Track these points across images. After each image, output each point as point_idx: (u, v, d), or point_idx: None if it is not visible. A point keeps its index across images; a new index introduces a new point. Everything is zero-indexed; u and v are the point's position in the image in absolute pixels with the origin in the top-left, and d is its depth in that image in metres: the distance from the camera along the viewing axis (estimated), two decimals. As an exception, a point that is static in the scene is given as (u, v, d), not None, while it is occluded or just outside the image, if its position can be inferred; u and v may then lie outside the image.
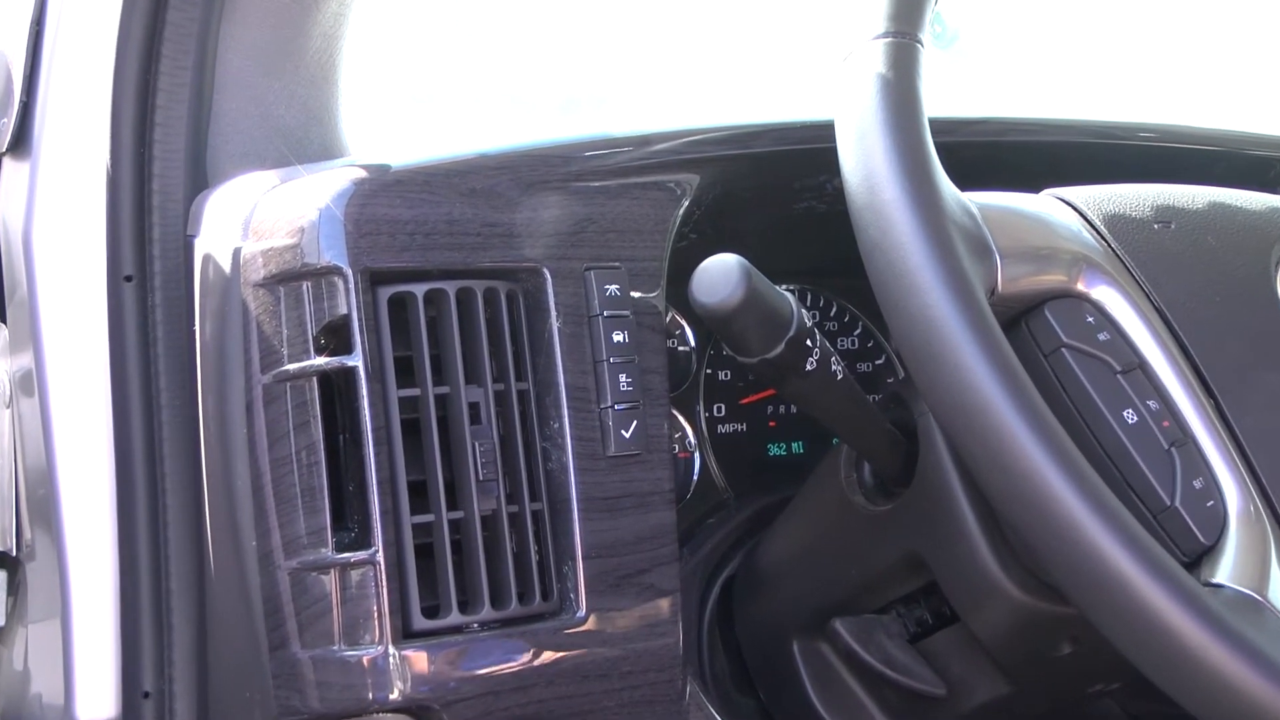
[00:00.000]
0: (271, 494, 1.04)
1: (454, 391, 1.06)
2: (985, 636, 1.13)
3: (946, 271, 0.93)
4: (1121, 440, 1.01)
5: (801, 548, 1.26)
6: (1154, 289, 1.07)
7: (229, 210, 1.11)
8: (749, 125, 1.26)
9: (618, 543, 1.11)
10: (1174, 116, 1.57)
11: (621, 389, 1.11)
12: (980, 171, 1.11)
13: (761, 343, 1.00)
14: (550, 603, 1.09)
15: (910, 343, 0.93)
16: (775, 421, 1.46)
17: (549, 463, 1.10)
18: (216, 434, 1.08)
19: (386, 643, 1.02)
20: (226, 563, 1.09)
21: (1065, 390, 1.03)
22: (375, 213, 1.05)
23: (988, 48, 2.89)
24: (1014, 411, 0.89)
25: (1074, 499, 0.87)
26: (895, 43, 1.01)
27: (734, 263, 0.97)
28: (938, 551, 1.12)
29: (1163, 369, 1.04)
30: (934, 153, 0.98)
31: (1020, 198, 1.11)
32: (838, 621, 1.20)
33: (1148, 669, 0.89)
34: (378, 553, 1.02)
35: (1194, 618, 0.86)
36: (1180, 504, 0.99)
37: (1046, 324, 1.05)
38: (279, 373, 1.04)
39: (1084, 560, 0.88)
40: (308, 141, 1.23)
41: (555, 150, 1.15)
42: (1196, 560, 0.99)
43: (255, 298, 1.05)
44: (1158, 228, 1.11)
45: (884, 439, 1.13)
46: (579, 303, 1.11)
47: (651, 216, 1.16)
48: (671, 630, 1.13)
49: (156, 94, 1.15)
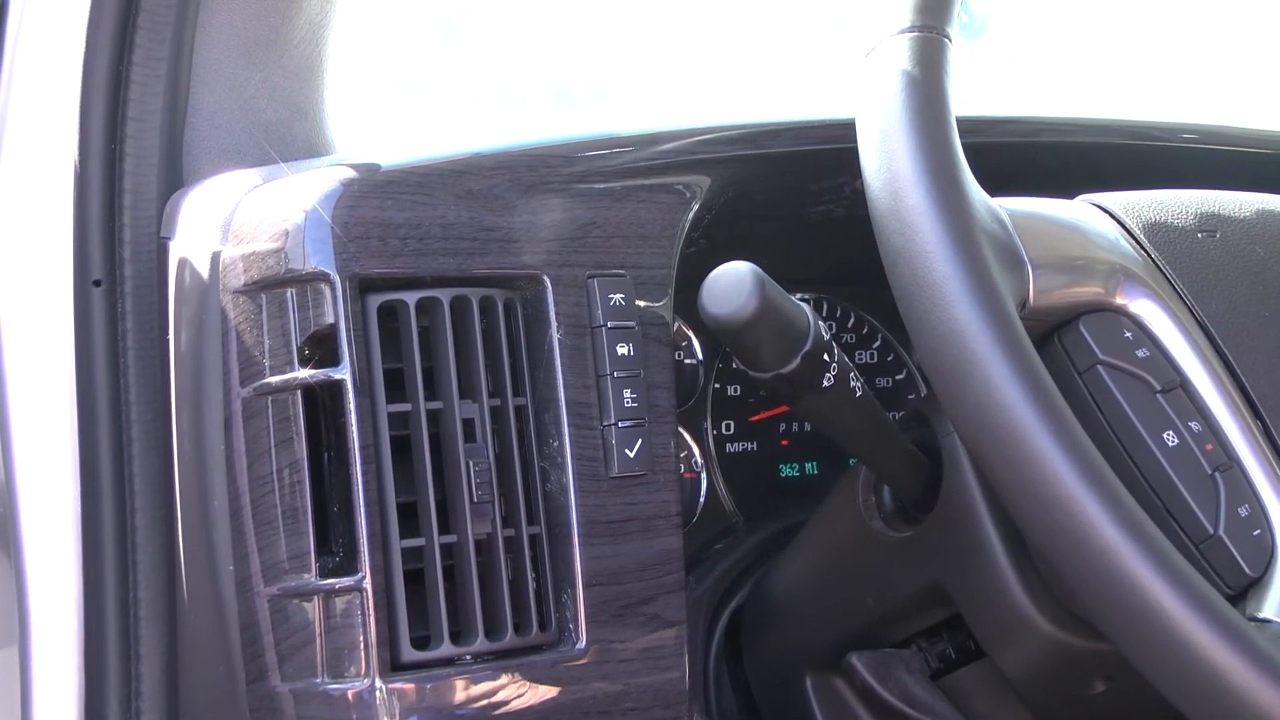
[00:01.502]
0: (250, 515, 1.05)
1: (447, 407, 1.07)
2: (1012, 673, 1.14)
3: (975, 283, 0.93)
4: (1161, 464, 1.02)
5: (815, 576, 1.27)
6: (1197, 302, 1.08)
7: (207, 211, 1.11)
8: (764, 124, 1.27)
9: (620, 570, 1.12)
10: (1217, 116, 1.57)
11: (626, 405, 1.12)
12: (1011, 175, 1.12)
13: (776, 357, 1.00)
14: (548, 633, 1.10)
15: (935, 358, 0.94)
16: (788, 440, 1.47)
17: (548, 483, 1.11)
18: (191, 450, 1.09)
19: (373, 675, 1.03)
20: (201, 588, 1.09)
21: (1101, 410, 1.04)
22: (365, 215, 1.06)
23: (1016, 36, 2.90)
24: (1046, 433, 0.90)
25: (1110, 527, 0.88)
26: (922, 37, 1.02)
27: (747, 271, 0.98)
28: (962, 582, 1.12)
29: (1206, 388, 1.05)
30: (962, 155, 0.99)
31: (1054, 204, 1.11)
32: (854, 655, 1.21)
33: (1188, 710, 0.89)
34: (364, 579, 1.03)
35: (1239, 655, 0.87)
36: (1224, 533, 1.00)
37: (1081, 339, 1.05)
38: (260, 385, 1.05)
39: (1120, 593, 0.88)
40: (291, 137, 1.24)
41: (556, 149, 1.15)
42: (1242, 593, 1.00)
43: (235, 305, 1.06)
44: (1201, 237, 1.12)
45: (905, 460, 1.14)
46: (581, 313, 1.12)
47: (659, 221, 1.17)
48: (677, 664, 1.14)
49: (129, 86, 1.16)
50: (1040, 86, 2.89)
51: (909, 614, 1.20)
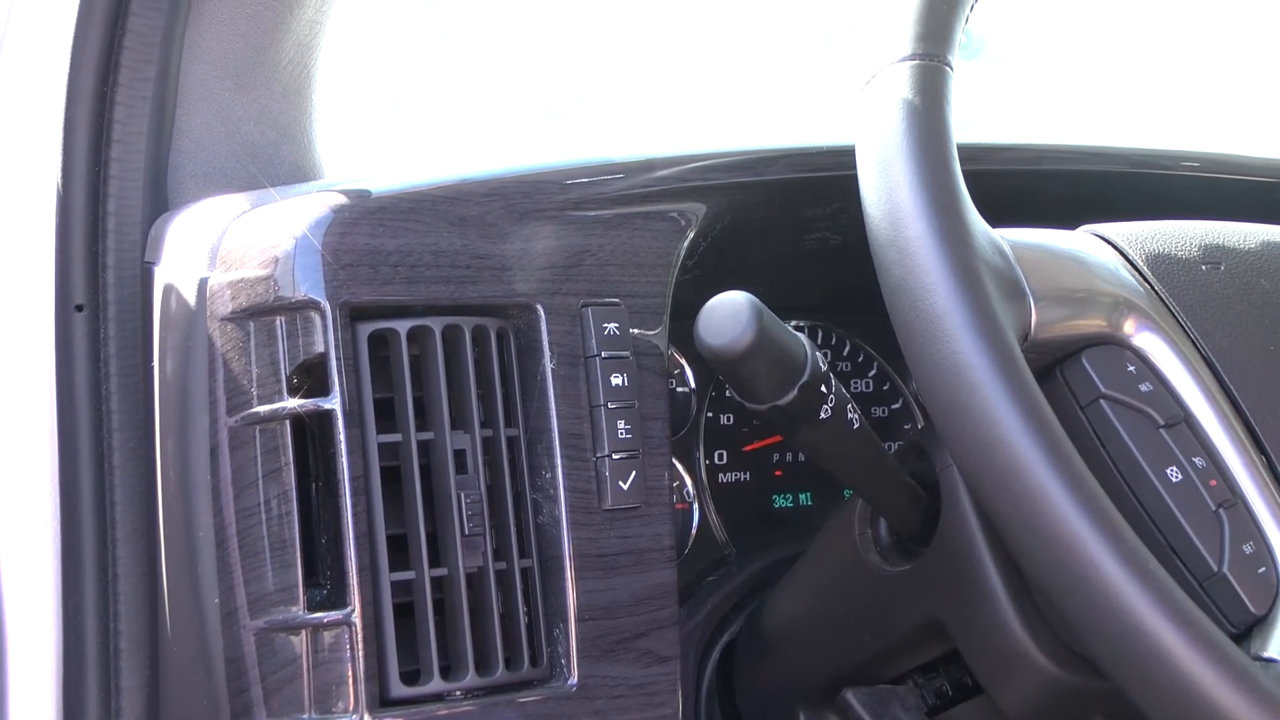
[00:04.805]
0: (237, 546, 1.05)
1: (438, 437, 1.07)
2: (1011, 711, 1.14)
3: (976, 315, 0.94)
4: (1165, 500, 1.03)
5: (810, 610, 1.27)
6: (1201, 336, 1.08)
7: (193, 236, 1.12)
8: (760, 150, 1.27)
9: (613, 604, 1.12)
10: (1221, 143, 1.58)
11: (620, 436, 1.13)
12: (1012, 205, 1.12)
13: (773, 389, 1.00)
14: (539, 669, 1.10)
15: (935, 391, 0.95)
16: (781, 470, 1.47)
17: (540, 516, 1.11)
18: (176, 480, 1.09)
19: (362, 711, 1.03)
20: (184, 620, 1.09)
21: (1104, 445, 1.05)
22: (355, 242, 1.06)
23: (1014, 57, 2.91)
24: (1047, 468, 0.90)
25: (1112, 564, 0.89)
26: (922, 65, 1.02)
27: (744, 301, 0.98)
28: (960, 617, 1.13)
29: (1210, 423, 1.05)
30: (963, 186, 0.99)
31: (1055, 235, 1.12)
32: (849, 692, 1.22)
33: (1191, 751, 0.90)
34: (353, 612, 1.03)
35: (1243, 696, 0.87)
36: (1229, 570, 1.01)
37: (1084, 373, 1.06)
38: (248, 415, 1.05)
39: (1122, 631, 0.89)
40: (279, 161, 1.24)
41: (549, 176, 1.16)
42: (1246, 632, 1.00)
43: (223, 332, 1.06)
44: (1205, 269, 1.13)
45: (903, 493, 1.14)
46: (574, 342, 1.13)
47: (653, 249, 1.18)
48: (670, 700, 1.14)
49: (114, 107, 1.16)
50: (1039, 108, 2.91)
51: (906, 649, 1.20)
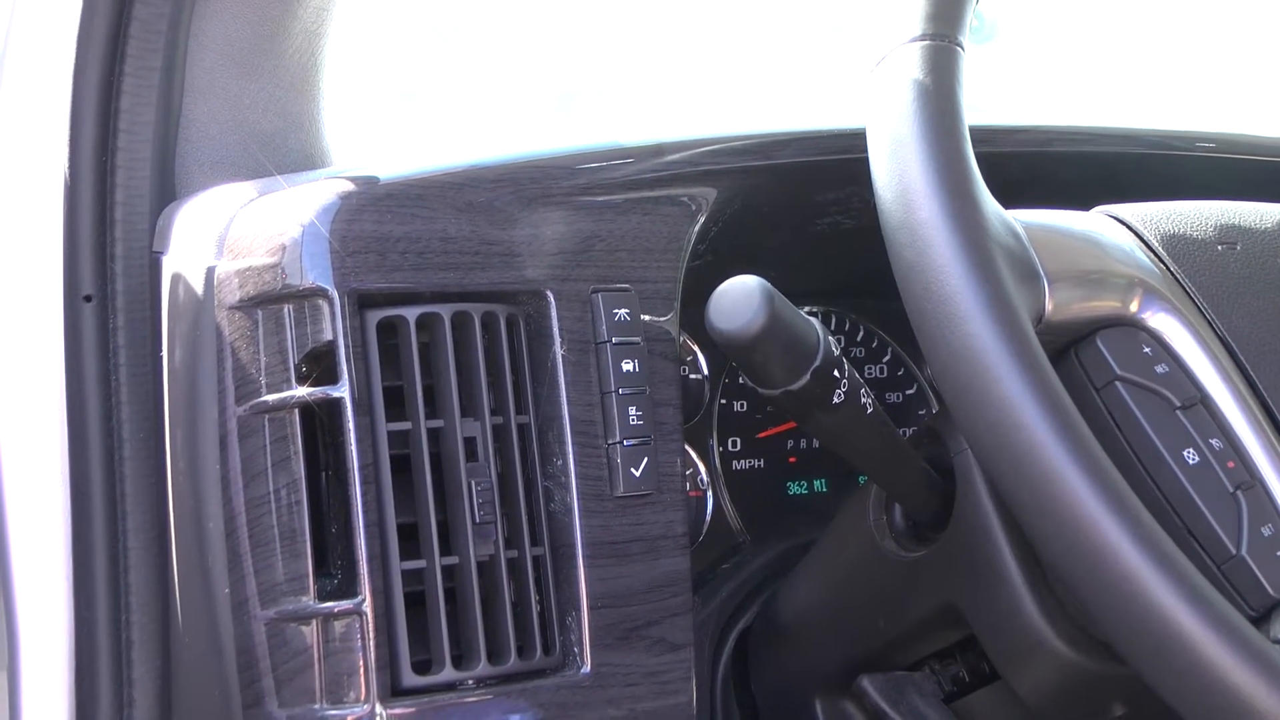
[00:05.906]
0: (247, 536, 1.05)
1: (448, 425, 1.07)
2: (1028, 696, 1.14)
3: (989, 297, 0.94)
4: (1182, 483, 1.02)
5: (825, 597, 1.27)
6: (1217, 316, 1.08)
7: (201, 225, 1.12)
8: (771, 134, 1.27)
9: (626, 592, 1.12)
10: (1235, 123, 1.57)
11: (631, 423, 1.13)
12: (1025, 186, 1.12)
13: (785, 374, 1.00)
14: (552, 657, 1.10)
15: (949, 374, 0.94)
16: (795, 457, 1.47)
17: (551, 503, 1.11)
18: (186, 470, 1.09)
19: (373, 701, 1.03)
20: (195, 611, 1.10)
21: (1119, 428, 1.04)
22: (363, 229, 1.06)
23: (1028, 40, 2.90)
24: (1063, 451, 0.90)
25: (1129, 548, 0.88)
26: (933, 46, 1.02)
27: (755, 286, 0.97)
28: (976, 602, 1.13)
29: (1227, 404, 1.05)
30: (975, 167, 0.99)
31: (1069, 216, 1.12)
32: (865, 679, 1.22)
33: (1210, 735, 0.90)
34: (364, 602, 1.03)
35: (1262, 679, 0.87)
36: (1247, 553, 1.00)
37: (1099, 354, 1.06)
38: (257, 404, 1.05)
39: (1140, 615, 0.89)
40: (287, 149, 1.24)
41: (559, 161, 1.16)
42: (1265, 615, 1.00)
43: (231, 321, 1.06)
44: (1221, 249, 1.12)
45: (918, 479, 1.14)
46: (585, 328, 1.13)
47: (664, 234, 1.17)
48: (684, 688, 1.14)
49: (121, 96, 1.16)
50: (1053, 91, 2.90)
51: (921, 636, 1.20)
